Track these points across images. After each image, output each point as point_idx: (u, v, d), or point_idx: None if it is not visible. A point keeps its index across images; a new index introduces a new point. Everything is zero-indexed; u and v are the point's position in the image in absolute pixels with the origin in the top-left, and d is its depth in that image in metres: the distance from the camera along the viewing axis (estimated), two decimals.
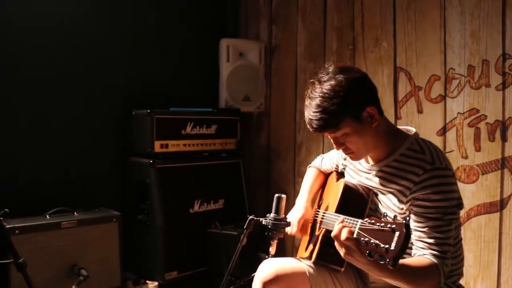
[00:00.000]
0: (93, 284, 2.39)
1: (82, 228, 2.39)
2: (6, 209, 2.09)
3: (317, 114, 1.42)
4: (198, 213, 2.81)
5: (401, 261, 1.23)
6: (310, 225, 1.80)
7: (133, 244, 2.78)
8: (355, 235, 1.22)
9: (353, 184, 1.63)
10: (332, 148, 1.85)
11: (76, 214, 2.45)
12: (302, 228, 1.76)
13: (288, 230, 1.72)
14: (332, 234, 1.27)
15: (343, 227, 1.26)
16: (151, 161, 2.65)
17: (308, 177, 1.95)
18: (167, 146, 2.72)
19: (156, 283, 2.64)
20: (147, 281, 2.64)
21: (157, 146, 2.69)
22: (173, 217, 2.70)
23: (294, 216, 1.79)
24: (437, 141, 2.47)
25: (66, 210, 2.45)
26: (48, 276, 2.27)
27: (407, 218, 1.13)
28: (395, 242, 1.08)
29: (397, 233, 1.09)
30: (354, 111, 1.44)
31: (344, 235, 1.24)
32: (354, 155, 1.53)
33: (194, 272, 2.76)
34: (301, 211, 1.81)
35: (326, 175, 1.93)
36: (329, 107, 1.41)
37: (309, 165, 2.00)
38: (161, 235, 2.65)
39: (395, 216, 1.18)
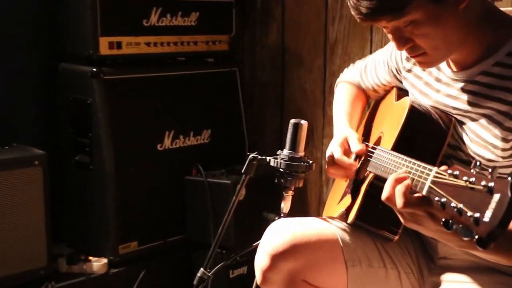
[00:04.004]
0: (3, 263, 2.36)
1: None
2: None
3: None
4: (170, 151, 2.82)
5: None
6: None
7: (67, 201, 2.79)
8: (425, 192, 1.18)
9: (424, 106, 1.62)
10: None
11: None
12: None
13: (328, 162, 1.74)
14: (383, 197, 1.27)
15: (398, 181, 1.25)
16: (94, 70, 2.60)
17: (343, 98, 1.96)
18: (119, 45, 2.67)
19: (104, 261, 2.62)
20: (89, 258, 2.62)
21: (104, 45, 2.63)
22: (131, 158, 2.69)
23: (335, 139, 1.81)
24: None
25: None
26: None
27: None
28: (491, 210, 1.02)
29: (496, 196, 1.02)
30: None
31: (400, 199, 1.22)
32: (427, 59, 1.49)
33: (165, 242, 2.80)
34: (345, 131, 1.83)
35: (367, 97, 1.96)
36: None
37: (339, 81, 2.03)
38: (112, 186, 2.64)
39: (494, 167, 1.08)
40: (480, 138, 1.49)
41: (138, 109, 2.70)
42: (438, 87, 1.60)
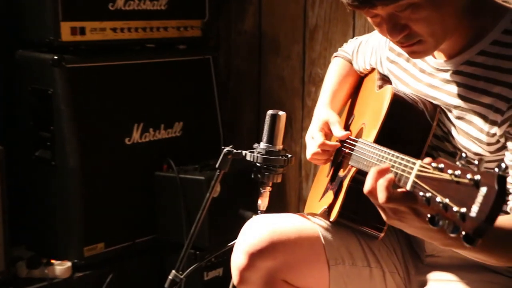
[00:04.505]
0: None
1: None
2: None
3: None
4: (139, 145, 2.81)
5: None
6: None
7: (27, 200, 2.77)
8: (409, 187, 1.18)
9: (408, 95, 1.62)
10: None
11: None
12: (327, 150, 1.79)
13: (309, 146, 1.78)
14: (365, 190, 1.27)
15: (381, 173, 1.25)
16: (55, 58, 2.57)
17: (332, 74, 1.98)
18: (83, 31, 2.65)
19: (68, 264, 2.60)
20: (52, 261, 2.59)
21: (66, 31, 2.60)
22: (96, 153, 2.68)
23: (312, 128, 1.84)
24: None
25: None
26: None
27: (502, 165, 1.06)
28: (478, 204, 1.03)
29: (483, 190, 1.03)
30: None
31: (382, 194, 1.21)
32: (422, 47, 1.48)
33: (134, 243, 2.79)
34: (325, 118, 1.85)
35: (360, 77, 1.98)
36: None
37: (335, 54, 2.05)
38: (76, 184, 2.62)
39: (480, 160, 1.10)
40: (463, 131, 1.51)
41: (103, 100, 2.68)
42: (422, 78, 1.61)
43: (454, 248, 1.31)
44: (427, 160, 1.18)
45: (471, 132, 1.49)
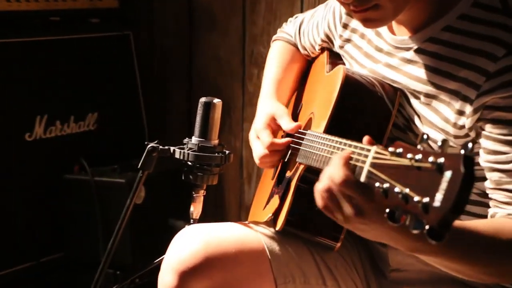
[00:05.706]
0: None
1: None
2: None
3: None
4: (43, 141, 2.83)
5: (462, 224, 1.31)
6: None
7: None
8: (363, 178, 1.21)
9: (363, 76, 1.67)
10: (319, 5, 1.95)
11: None
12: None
13: (255, 149, 1.83)
14: (316, 189, 1.30)
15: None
16: None
17: (274, 60, 2.04)
18: None
19: None
20: None
21: None
22: None
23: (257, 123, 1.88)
24: None
25: None
26: None
27: (468, 145, 1.09)
28: (443, 192, 1.05)
29: (447, 175, 1.06)
30: None
31: (337, 178, 1.25)
32: (378, 14, 1.51)
33: (38, 263, 2.79)
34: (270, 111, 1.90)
35: (307, 62, 2.03)
36: None
37: (275, 37, 2.10)
38: None
39: (444, 140, 1.13)
40: (427, 119, 1.54)
41: None
42: (379, 57, 1.66)
43: (423, 256, 1.35)
44: (384, 147, 1.21)
45: (436, 122, 1.53)
